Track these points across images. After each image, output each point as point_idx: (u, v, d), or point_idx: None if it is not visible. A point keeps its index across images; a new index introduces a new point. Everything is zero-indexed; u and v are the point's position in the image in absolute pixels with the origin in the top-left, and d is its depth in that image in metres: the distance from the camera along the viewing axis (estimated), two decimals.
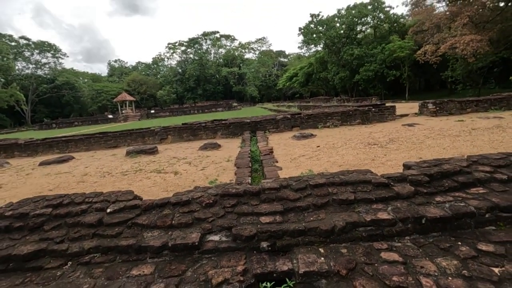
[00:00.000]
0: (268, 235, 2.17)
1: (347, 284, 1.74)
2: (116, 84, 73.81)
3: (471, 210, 2.14)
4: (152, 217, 2.47)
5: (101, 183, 4.90)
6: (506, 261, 1.77)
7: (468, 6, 25.91)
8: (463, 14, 25.30)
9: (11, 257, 2.15)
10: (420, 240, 2.07)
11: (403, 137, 6.00)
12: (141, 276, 1.93)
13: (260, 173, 4.66)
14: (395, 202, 2.37)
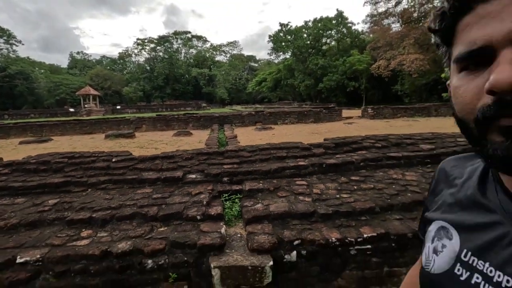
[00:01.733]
0: (228, 173, 3.33)
1: (273, 194, 2.96)
2: (78, 77, 69.92)
3: (352, 160, 3.51)
4: (147, 164, 3.50)
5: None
6: (361, 183, 3.13)
7: (415, 28, 29.66)
8: (410, 36, 28.91)
9: (46, 184, 3.05)
10: (321, 176, 3.38)
11: (339, 129, 7.59)
12: (144, 193, 2.98)
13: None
14: (311, 157, 3.68)
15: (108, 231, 2.35)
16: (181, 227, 2.40)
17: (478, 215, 0.44)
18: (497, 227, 0.40)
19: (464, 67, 0.37)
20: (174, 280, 2.05)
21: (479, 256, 0.41)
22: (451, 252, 0.45)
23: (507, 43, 0.32)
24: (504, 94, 0.31)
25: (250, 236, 2.27)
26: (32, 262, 1.98)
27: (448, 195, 0.51)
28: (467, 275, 0.41)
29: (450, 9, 0.37)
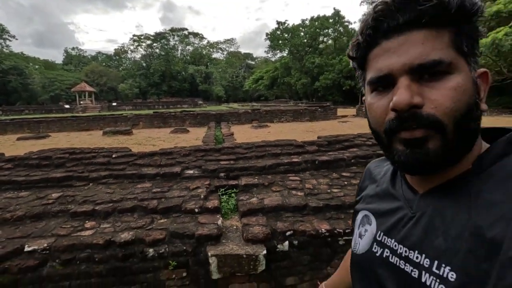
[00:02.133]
0: (225, 169, 3.47)
1: (268, 188, 3.11)
2: (73, 73, 69.25)
3: (344, 157, 3.66)
4: (146, 160, 3.62)
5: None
6: (352, 179, 3.28)
7: None
8: None
9: (49, 179, 3.16)
10: (314, 173, 3.53)
11: (333, 128, 7.78)
12: (144, 187, 3.10)
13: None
14: (305, 154, 3.83)
15: (110, 223, 2.48)
16: (180, 219, 2.53)
17: (389, 203, 0.53)
18: (399, 211, 0.49)
19: (375, 88, 0.45)
20: (174, 268, 2.19)
21: (388, 235, 0.50)
22: (371, 235, 0.54)
23: (403, 72, 0.40)
24: (402, 112, 0.40)
25: (245, 227, 2.41)
26: (39, 250, 2.10)
27: (371, 189, 0.61)
28: (380, 251, 0.50)
29: (363, 42, 0.45)
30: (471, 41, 0.41)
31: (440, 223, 0.42)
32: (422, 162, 0.41)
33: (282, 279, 2.37)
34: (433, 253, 0.41)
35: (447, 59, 0.39)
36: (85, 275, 2.08)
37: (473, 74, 0.41)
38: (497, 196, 0.38)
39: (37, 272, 2.05)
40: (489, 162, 0.41)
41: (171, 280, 2.21)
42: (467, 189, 0.41)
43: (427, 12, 0.38)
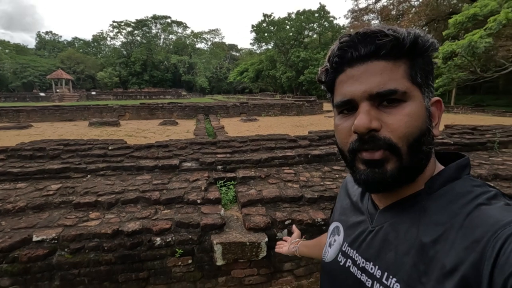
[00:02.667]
0: (222, 162, 3.58)
1: (264, 180, 3.26)
2: (47, 59, 65.59)
3: (335, 152, 3.88)
4: (143, 152, 3.66)
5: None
6: (342, 172, 3.51)
7: None
8: None
9: (46, 170, 3.14)
10: (307, 166, 3.72)
11: (320, 122, 8.06)
12: (144, 179, 3.16)
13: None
14: (298, 148, 4.01)
15: (115, 213, 2.54)
16: (183, 209, 2.64)
17: (356, 216, 0.57)
18: (362, 224, 0.53)
19: (341, 111, 0.49)
20: (180, 255, 2.31)
21: (351, 246, 0.53)
22: (338, 245, 0.58)
23: (364, 99, 0.44)
24: (363, 134, 0.44)
25: (246, 217, 2.56)
26: (48, 240, 2.15)
27: (345, 202, 0.64)
28: (343, 261, 0.54)
29: (330, 68, 0.48)
30: (425, 73, 0.45)
31: (393, 238, 0.46)
32: (379, 181, 0.45)
33: (280, 265, 2.55)
34: (384, 266, 0.45)
35: (402, 88, 0.43)
36: (94, 263, 2.16)
37: (426, 102, 0.45)
38: (442, 217, 0.41)
39: (47, 261, 2.10)
40: (439, 184, 0.45)
41: (177, 267, 2.33)
42: (418, 207, 0.45)
43: (384, 46, 0.42)
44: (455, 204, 0.42)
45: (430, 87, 0.46)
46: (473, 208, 0.40)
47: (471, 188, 0.43)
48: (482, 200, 0.41)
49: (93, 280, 2.18)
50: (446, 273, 0.37)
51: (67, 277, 2.13)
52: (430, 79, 0.46)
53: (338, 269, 0.54)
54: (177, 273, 2.33)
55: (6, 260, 2.05)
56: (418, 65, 0.44)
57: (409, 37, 0.42)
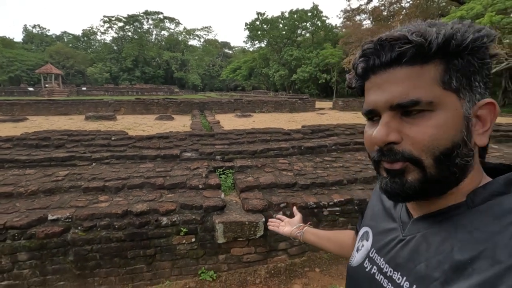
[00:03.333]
0: (220, 152, 3.79)
1: (261, 169, 3.49)
2: (35, 53, 63.96)
3: (326, 144, 4.14)
4: (145, 143, 3.84)
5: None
6: (333, 162, 3.76)
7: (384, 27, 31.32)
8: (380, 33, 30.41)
9: (52, 158, 3.29)
10: (300, 157, 3.97)
11: (313, 119, 8.37)
12: (147, 167, 3.35)
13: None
14: (291, 141, 4.26)
15: (122, 197, 2.73)
16: (186, 193, 2.84)
17: (387, 222, 0.54)
18: (393, 232, 0.51)
19: (368, 118, 0.47)
20: (185, 234, 2.52)
21: (379, 253, 0.52)
22: (365, 250, 0.56)
23: (385, 109, 0.42)
24: (380, 147, 0.43)
25: (245, 200, 2.79)
26: (63, 219, 2.32)
27: (376, 207, 0.61)
28: (369, 267, 0.52)
29: (356, 76, 0.47)
30: (467, 75, 0.40)
31: (425, 250, 0.43)
32: (398, 192, 0.43)
33: (276, 244, 2.79)
34: (412, 278, 0.43)
35: (427, 98, 0.39)
36: (105, 240, 2.35)
37: (466, 108, 0.40)
38: (483, 235, 0.38)
39: (62, 238, 2.28)
40: (482, 199, 0.41)
41: (181, 244, 2.54)
42: (456, 221, 0.42)
43: (406, 53, 0.39)
44: (500, 221, 0.38)
45: (475, 89, 0.41)
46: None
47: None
48: None
49: (104, 256, 2.37)
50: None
51: (80, 253, 2.31)
52: (477, 80, 0.41)
53: (363, 274, 0.53)
54: (181, 251, 2.54)
55: (24, 236, 2.22)
56: (454, 68, 0.39)
57: (437, 40, 0.38)
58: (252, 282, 2.60)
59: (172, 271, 2.56)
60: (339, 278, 2.68)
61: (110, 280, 2.42)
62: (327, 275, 2.71)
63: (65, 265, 2.32)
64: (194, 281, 2.58)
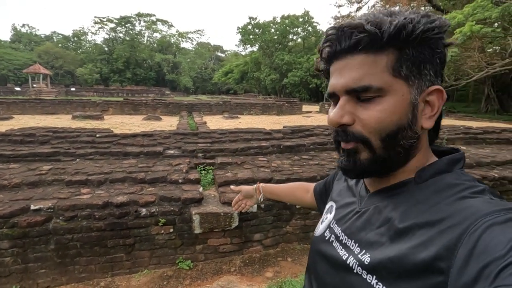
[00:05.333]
0: (202, 150, 3.95)
1: (240, 166, 3.66)
2: (23, 53, 62.72)
3: (304, 143, 4.35)
4: (129, 140, 3.96)
5: None
6: (309, 161, 3.97)
7: None
8: None
9: (37, 153, 3.39)
10: (279, 155, 4.16)
11: (298, 121, 8.64)
12: (130, 163, 3.47)
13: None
14: (272, 140, 4.45)
15: (104, 190, 2.85)
16: (166, 187, 2.99)
17: (348, 197, 0.60)
18: (352, 205, 0.56)
19: (333, 101, 0.50)
20: (163, 225, 2.66)
21: (337, 224, 0.57)
22: (328, 222, 0.61)
23: (342, 93, 0.45)
24: (335, 127, 0.47)
25: (222, 194, 2.95)
26: (45, 209, 2.44)
27: (342, 185, 0.67)
28: (328, 236, 0.57)
29: (321, 59, 0.51)
30: (417, 63, 0.42)
31: (375, 220, 0.48)
32: (351, 169, 0.48)
33: (251, 235, 2.96)
34: (364, 243, 0.47)
35: (377, 84, 0.42)
36: (86, 229, 2.47)
37: (414, 95, 0.43)
38: (424, 205, 0.42)
39: (44, 227, 2.39)
40: (428, 175, 0.45)
41: (160, 234, 2.68)
42: (404, 194, 0.46)
43: (361, 41, 0.42)
44: (440, 194, 0.42)
45: (424, 77, 0.44)
46: (457, 199, 0.41)
47: (459, 182, 0.44)
48: (467, 193, 0.41)
49: (85, 244, 2.48)
50: (417, 251, 0.38)
51: (61, 241, 2.43)
52: (427, 68, 0.43)
53: (323, 242, 0.58)
54: (160, 240, 2.68)
55: (7, 225, 2.32)
56: (406, 56, 0.42)
57: (389, 30, 0.40)
58: (227, 270, 2.76)
59: (151, 260, 2.69)
60: None
61: (90, 268, 2.54)
62: (298, 264, 2.89)
63: (46, 254, 2.43)
64: (172, 269, 2.72)
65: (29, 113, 9.28)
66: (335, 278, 0.51)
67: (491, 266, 0.31)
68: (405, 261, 0.39)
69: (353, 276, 0.45)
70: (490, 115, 19.28)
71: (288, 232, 3.13)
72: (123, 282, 2.56)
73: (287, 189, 1.05)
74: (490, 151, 4.67)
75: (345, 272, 0.48)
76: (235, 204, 1.16)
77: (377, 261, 0.42)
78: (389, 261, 0.41)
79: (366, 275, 0.43)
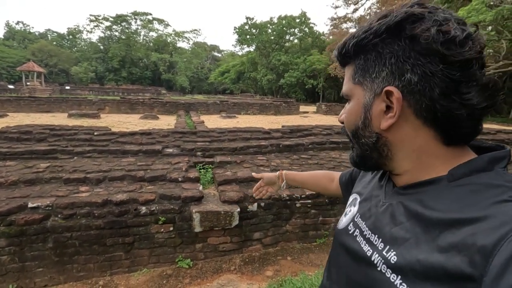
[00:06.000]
0: (201, 149, 3.94)
1: (239, 165, 3.66)
2: (16, 50, 61.83)
3: (303, 143, 4.36)
4: (127, 139, 3.93)
5: None
6: (308, 160, 3.98)
7: None
8: None
9: (34, 151, 3.34)
10: (278, 154, 4.16)
11: (295, 121, 8.65)
12: (128, 161, 3.45)
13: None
14: (271, 139, 4.45)
15: (103, 188, 2.83)
16: (166, 185, 2.97)
17: (373, 191, 0.59)
18: (377, 199, 0.55)
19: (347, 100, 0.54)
20: (163, 223, 2.64)
21: (362, 218, 0.56)
22: (352, 215, 0.60)
23: (348, 97, 0.52)
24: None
25: (222, 192, 2.94)
26: (43, 207, 2.40)
27: (367, 177, 0.67)
28: (352, 230, 0.56)
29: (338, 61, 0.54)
30: (365, 69, 0.47)
31: (400, 215, 0.46)
32: (352, 162, 0.56)
33: (251, 234, 2.95)
34: (387, 239, 0.46)
35: (345, 91, 0.52)
36: (85, 227, 2.44)
37: (367, 97, 0.47)
38: (456, 205, 0.39)
39: (42, 225, 2.36)
40: (463, 173, 0.42)
41: (159, 233, 2.66)
42: (432, 192, 0.44)
43: (337, 59, 0.53)
44: (475, 195, 0.39)
45: (376, 79, 0.46)
46: (495, 202, 0.37)
47: (499, 182, 0.40)
48: (507, 196, 0.37)
49: (83, 243, 2.46)
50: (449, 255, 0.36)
51: (59, 240, 2.39)
52: (375, 71, 0.46)
53: (346, 236, 0.57)
54: (159, 239, 2.66)
55: (4, 223, 2.29)
56: (358, 65, 0.48)
57: (350, 45, 0.48)
58: (227, 269, 2.75)
59: (150, 259, 2.67)
60: (309, 266, 2.86)
61: (88, 267, 2.51)
62: (298, 262, 2.89)
63: (44, 252, 2.39)
64: (172, 268, 2.70)
65: (23, 111, 9.15)
66: (357, 272, 0.51)
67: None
68: (435, 265, 0.37)
69: (377, 273, 0.45)
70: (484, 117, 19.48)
71: (288, 231, 3.13)
72: (122, 281, 2.53)
73: (311, 177, 1.03)
74: None
75: (368, 268, 0.47)
76: (256, 190, 1.12)
77: (405, 262, 0.41)
78: (417, 263, 0.39)
79: (391, 274, 0.42)
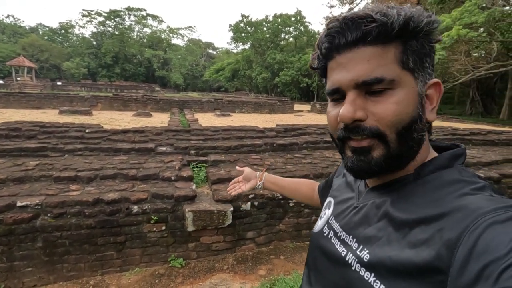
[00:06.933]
0: (195, 148, 3.91)
1: (233, 164, 3.65)
2: (6, 45, 60.46)
3: (297, 142, 4.36)
4: (120, 136, 3.88)
5: None
6: (302, 159, 3.99)
7: None
8: None
9: (23, 148, 3.27)
10: (272, 153, 4.16)
11: (289, 120, 8.67)
12: (121, 159, 3.40)
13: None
14: (265, 138, 4.45)
15: (94, 186, 2.78)
16: (158, 184, 2.94)
17: (347, 193, 0.59)
18: (350, 200, 0.56)
19: (332, 99, 0.48)
20: (155, 222, 2.62)
21: (336, 219, 0.56)
22: (326, 218, 0.60)
23: (350, 87, 0.43)
24: (347, 124, 0.44)
25: (215, 191, 2.93)
26: (32, 206, 2.36)
27: (340, 180, 0.67)
28: (327, 232, 0.56)
29: (320, 55, 0.47)
30: (420, 56, 0.43)
31: (373, 215, 0.47)
32: (365, 169, 0.46)
33: (244, 233, 2.95)
34: (361, 239, 0.46)
35: (389, 76, 0.41)
36: (76, 226, 2.41)
37: (420, 87, 0.43)
38: (423, 201, 0.42)
39: (31, 224, 2.32)
40: (428, 171, 0.45)
41: (152, 232, 2.63)
42: (403, 190, 0.46)
43: (371, 32, 0.41)
44: (440, 191, 0.42)
45: (426, 70, 0.44)
46: (457, 196, 0.40)
47: (460, 178, 0.43)
48: (467, 190, 0.40)
49: (74, 242, 2.42)
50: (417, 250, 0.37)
51: (49, 239, 2.35)
52: (427, 62, 0.44)
53: (322, 238, 0.57)
54: (151, 238, 2.64)
55: None
56: (411, 49, 0.42)
57: (398, 20, 0.40)
58: (220, 268, 2.74)
59: (142, 258, 2.65)
60: (302, 265, 2.88)
61: (79, 266, 2.47)
62: (291, 261, 2.90)
63: (33, 252, 2.35)
64: (164, 268, 2.68)
65: (13, 107, 8.95)
66: (334, 274, 0.50)
67: (492, 266, 0.30)
68: (405, 260, 0.38)
69: (351, 272, 0.45)
70: (475, 118, 19.89)
71: (281, 230, 3.13)
72: (114, 280, 2.51)
73: (293, 183, 1.02)
74: (476, 152, 4.81)
75: (344, 268, 0.47)
76: (231, 185, 1.09)
77: (377, 259, 0.42)
78: (388, 259, 0.40)
79: (364, 272, 0.43)
